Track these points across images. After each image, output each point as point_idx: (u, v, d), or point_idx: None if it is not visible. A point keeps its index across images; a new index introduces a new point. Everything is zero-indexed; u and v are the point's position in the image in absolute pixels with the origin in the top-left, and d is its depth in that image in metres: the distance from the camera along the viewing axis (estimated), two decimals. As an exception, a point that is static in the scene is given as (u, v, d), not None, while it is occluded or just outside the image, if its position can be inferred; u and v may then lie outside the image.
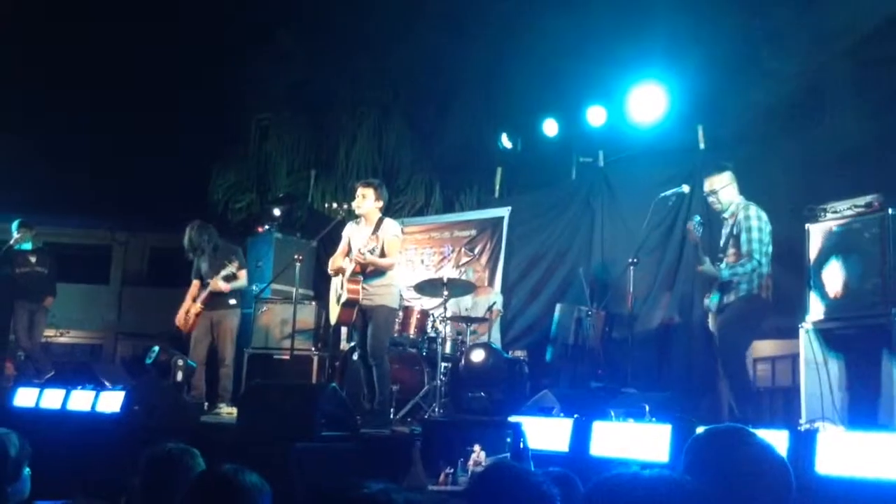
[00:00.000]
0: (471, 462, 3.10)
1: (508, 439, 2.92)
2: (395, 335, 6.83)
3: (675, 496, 1.71)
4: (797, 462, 3.30)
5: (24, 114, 12.54)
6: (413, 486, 2.81)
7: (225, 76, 11.77)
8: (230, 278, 7.10)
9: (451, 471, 3.10)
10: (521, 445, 2.47)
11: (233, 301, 7.22)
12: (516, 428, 2.55)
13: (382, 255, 5.88)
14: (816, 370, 5.00)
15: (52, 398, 6.29)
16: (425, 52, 10.17)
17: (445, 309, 6.98)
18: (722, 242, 5.54)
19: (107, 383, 6.35)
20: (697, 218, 5.55)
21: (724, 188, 5.50)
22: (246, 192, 11.98)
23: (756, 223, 5.31)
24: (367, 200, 6.00)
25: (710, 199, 5.58)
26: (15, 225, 8.59)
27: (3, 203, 11.78)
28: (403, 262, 8.62)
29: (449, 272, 8.72)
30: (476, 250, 9.09)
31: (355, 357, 6.31)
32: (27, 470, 2.96)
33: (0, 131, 12.19)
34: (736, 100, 7.29)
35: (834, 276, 5.08)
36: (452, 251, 9.32)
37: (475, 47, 9.77)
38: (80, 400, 6.10)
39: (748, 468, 1.96)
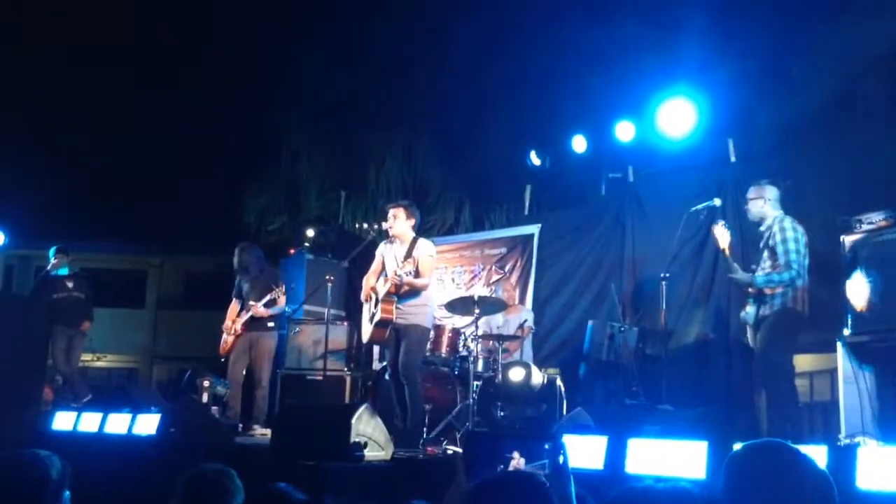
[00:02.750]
0: (510, 469, 3.07)
1: (546, 448, 2.88)
2: (427, 354, 6.83)
3: None
4: (837, 477, 3.22)
5: (60, 141, 12.80)
6: (457, 498, 2.79)
7: (256, 100, 11.93)
8: (271, 304, 7.19)
9: None
10: (562, 461, 2.43)
11: (271, 323, 7.31)
12: (557, 441, 2.51)
13: (417, 275, 5.90)
14: (855, 384, 4.92)
15: (89, 422, 6.37)
16: (453, 71, 10.23)
17: (477, 327, 6.97)
18: (760, 254, 5.49)
19: (143, 406, 6.43)
20: (721, 223, 5.54)
21: (755, 199, 5.46)
22: (278, 214, 12.10)
23: (791, 234, 5.25)
24: (398, 221, 6.04)
25: (746, 206, 5.56)
26: (52, 251, 8.75)
27: (41, 229, 12.02)
28: (434, 280, 8.63)
29: (480, 290, 8.71)
30: (506, 268, 9.08)
31: (387, 376, 6.32)
32: (67, 493, 2.97)
33: (36, 159, 12.45)
34: (767, 111, 7.23)
35: (868, 288, 5.00)
36: (483, 269, 9.31)
37: (503, 65, 9.81)
38: (117, 423, 6.17)
39: (790, 484, 1.92)
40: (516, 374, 6.63)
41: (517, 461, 3.06)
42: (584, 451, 4.11)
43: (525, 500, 1.93)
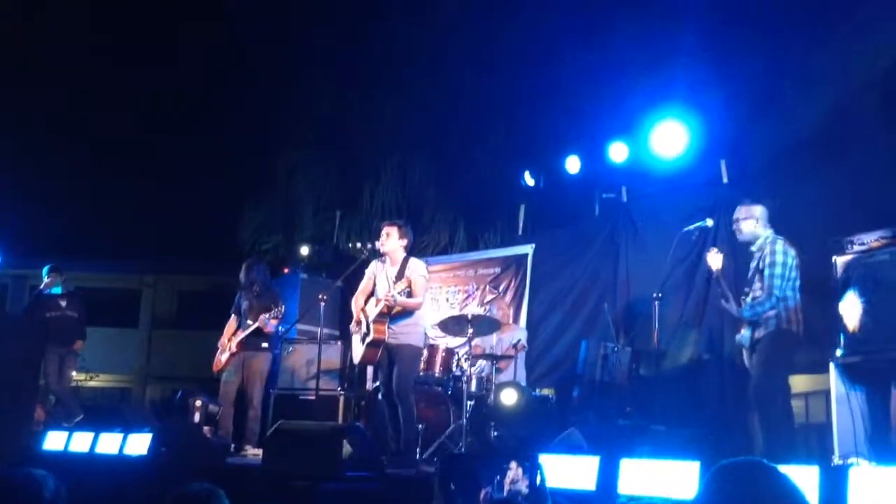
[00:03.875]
0: (507, 480, 3.05)
1: (525, 474, 2.86)
2: (421, 374, 6.82)
3: None
4: (829, 499, 3.23)
5: (54, 159, 12.81)
6: None
7: (251, 120, 11.96)
8: (273, 319, 7.18)
9: (488, 489, 3.06)
10: (539, 482, 2.42)
11: (265, 344, 7.30)
12: (533, 462, 2.49)
13: (410, 295, 5.90)
14: (848, 405, 4.92)
15: (81, 441, 6.33)
16: (448, 92, 10.28)
17: (470, 347, 6.97)
18: (749, 276, 5.51)
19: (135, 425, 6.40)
20: (714, 250, 5.55)
21: (746, 220, 5.47)
22: (272, 234, 12.10)
23: (781, 258, 5.25)
24: (390, 239, 6.05)
25: (734, 226, 5.57)
26: (45, 270, 8.73)
27: (35, 248, 12.00)
28: (428, 300, 8.63)
29: (473, 310, 8.70)
30: (500, 288, 9.09)
31: (380, 396, 6.30)
32: None
33: (30, 177, 12.46)
34: (759, 133, 7.29)
35: (861, 309, 5.02)
36: (477, 289, 9.31)
37: (498, 86, 9.86)
38: (109, 443, 6.14)
39: (765, 501, 1.94)
40: (509, 395, 6.63)
41: (514, 471, 3.04)
42: (576, 472, 4.10)
43: None
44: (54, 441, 6.55)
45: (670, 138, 7.65)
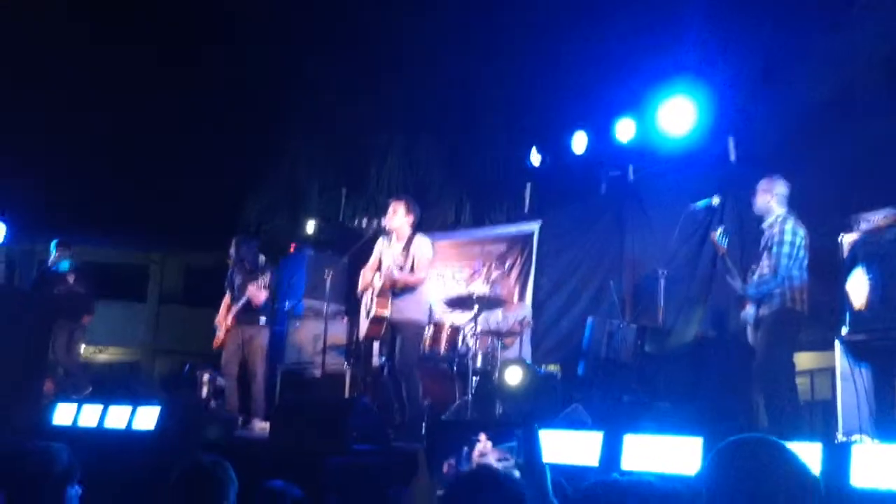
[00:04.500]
0: (476, 452, 2.98)
1: (518, 435, 2.79)
2: (426, 351, 6.85)
3: (649, 498, 1.76)
4: (832, 475, 3.25)
5: (63, 136, 12.81)
6: (419, 495, 2.74)
7: (258, 97, 11.93)
8: (261, 289, 7.20)
9: (454, 461, 3.00)
10: (535, 453, 2.38)
11: (262, 319, 7.32)
12: (530, 434, 2.43)
13: (412, 271, 5.91)
14: (853, 382, 4.94)
15: (89, 415, 6.40)
16: (454, 70, 10.23)
17: (476, 324, 6.99)
18: (759, 251, 5.50)
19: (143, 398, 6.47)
20: (720, 230, 5.54)
21: (763, 193, 5.45)
22: (279, 211, 12.11)
23: (789, 237, 5.25)
24: (397, 215, 6.06)
25: (752, 198, 5.55)
26: (53, 245, 8.78)
27: (43, 223, 12.04)
28: (434, 277, 8.66)
29: (479, 287, 8.73)
30: (506, 265, 9.10)
31: (386, 372, 6.35)
32: (76, 489, 2.96)
33: (38, 153, 12.47)
34: (767, 110, 7.24)
35: (868, 287, 5.01)
36: (483, 266, 9.33)
37: (504, 63, 9.81)
38: (118, 416, 6.20)
39: (773, 479, 1.92)
40: (514, 373, 6.65)
41: (483, 444, 3.00)
42: (580, 447, 4.13)
43: (494, 501, 1.92)
44: (64, 414, 6.61)
45: (678, 115, 7.60)
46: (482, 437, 2.97)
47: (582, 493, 1.85)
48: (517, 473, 2.30)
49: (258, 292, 7.14)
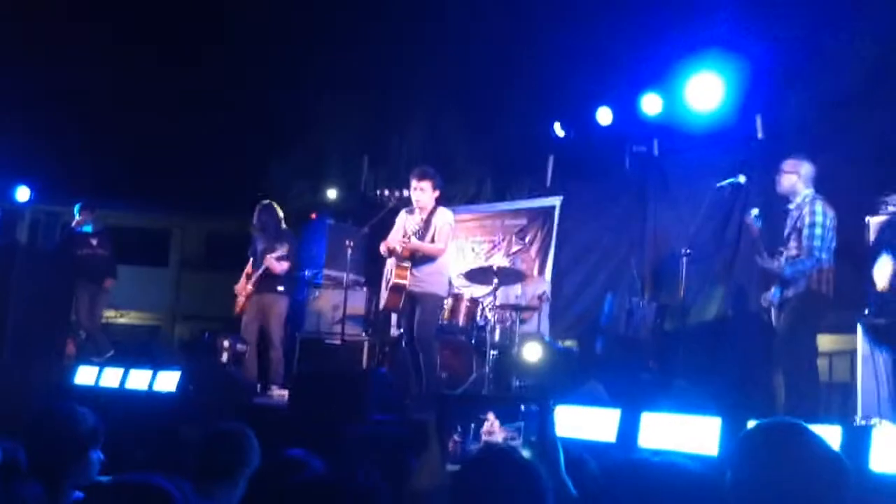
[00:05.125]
0: (483, 430, 2.96)
1: (527, 410, 2.76)
2: (445, 323, 6.86)
3: (682, 483, 1.74)
4: (851, 459, 3.22)
5: (86, 100, 12.85)
6: (428, 467, 2.74)
7: (282, 65, 11.89)
8: (282, 259, 7.24)
9: (460, 440, 2.97)
10: (549, 430, 2.35)
11: (281, 287, 7.35)
12: (544, 409, 2.41)
13: (433, 241, 5.91)
14: (873, 365, 4.90)
15: (111, 377, 6.48)
16: (478, 41, 10.12)
17: (495, 297, 6.98)
18: (785, 234, 5.44)
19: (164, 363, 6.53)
20: (755, 211, 5.46)
21: (788, 174, 5.38)
22: (300, 180, 12.12)
23: (821, 219, 5.18)
24: (425, 193, 6.05)
25: (777, 177, 5.47)
26: (76, 208, 8.84)
27: (67, 186, 12.13)
28: (454, 250, 8.64)
29: (499, 261, 8.71)
30: (527, 239, 9.07)
31: (403, 344, 6.37)
32: (98, 454, 2.99)
33: (62, 117, 12.53)
34: (797, 88, 7.12)
35: (888, 270, 4.95)
36: (503, 240, 9.30)
37: (529, 34, 9.69)
38: (138, 379, 6.27)
39: (802, 465, 1.89)
40: (532, 349, 6.65)
41: (491, 423, 2.98)
42: (597, 424, 4.13)
43: (510, 480, 1.91)
44: (85, 375, 6.70)
45: (705, 91, 7.48)
46: (490, 415, 2.96)
47: (609, 472, 1.83)
48: (526, 452, 2.29)
49: (276, 262, 7.18)
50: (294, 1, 11.60)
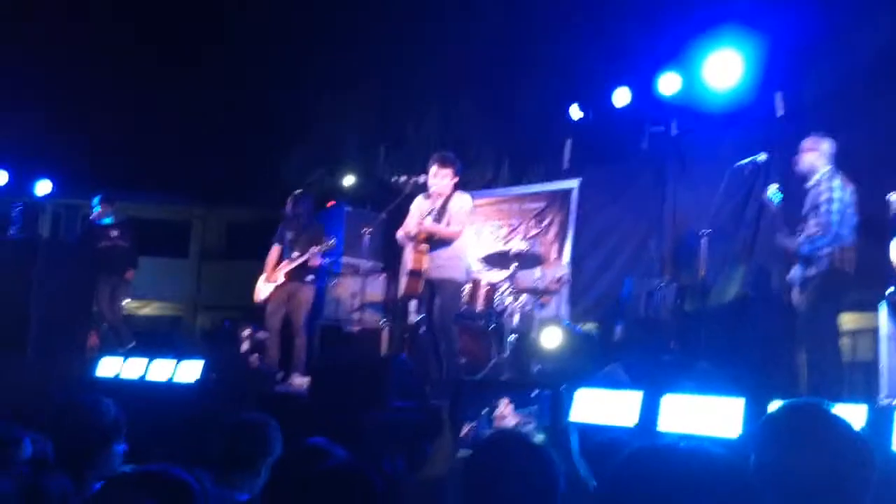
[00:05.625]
0: (496, 414, 2.96)
1: (538, 396, 2.76)
2: (463, 308, 6.85)
3: (708, 469, 1.72)
4: (875, 438, 3.19)
5: (106, 93, 12.93)
6: (442, 453, 2.74)
7: (298, 54, 11.89)
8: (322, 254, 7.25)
9: (474, 424, 2.98)
10: (561, 415, 2.35)
11: (310, 277, 7.36)
12: (557, 396, 2.41)
13: (449, 225, 5.90)
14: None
15: (133, 368, 6.52)
16: (494, 22, 10.06)
17: (513, 282, 6.96)
18: (804, 211, 5.38)
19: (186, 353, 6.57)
20: (774, 187, 5.40)
21: (809, 151, 5.32)
22: (317, 167, 12.13)
23: (838, 194, 5.12)
24: (445, 180, 6.03)
25: (796, 156, 5.42)
26: (96, 200, 8.90)
27: (87, 179, 12.22)
28: (471, 234, 8.63)
29: (517, 245, 8.68)
30: (545, 223, 9.03)
31: (423, 330, 6.36)
32: (122, 447, 3.01)
33: (82, 109, 12.61)
34: (817, 65, 7.02)
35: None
36: (521, 224, 9.27)
37: (545, 16, 9.62)
38: (161, 369, 6.31)
39: (828, 447, 1.87)
40: (551, 333, 6.63)
41: (504, 408, 2.98)
42: (618, 407, 4.10)
43: (521, 464, 1.90)
44: (108, 367, 6.75)
45: (724, 69, 7.38)
46: (504, 401, 2.96)
47: (635, 458, 1.81)
48: (539, 437, 2.28)
49: (317, 256, 7.17)
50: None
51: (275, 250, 7.49)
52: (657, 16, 7.91)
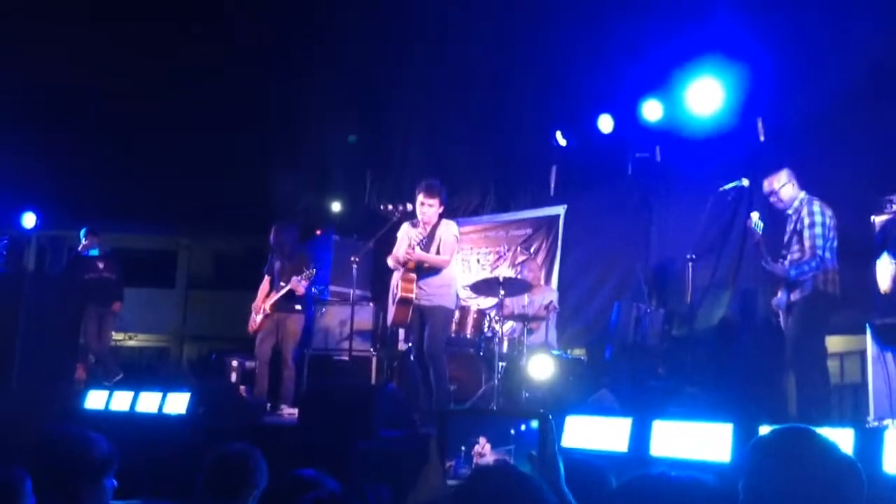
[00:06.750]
0: (474, 453, 2.94)
1: (513, 432, 2.75)
2: (452, 335, 6.85)
3: (700, 497, 1.72)
4: (863, 461, 3.20)
5: (90, 123, 12.92)
6: (428, 485, 2.71)
7: (282, 81, 11.94)
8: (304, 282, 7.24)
9: (452, 463, 2.95)
10: (550, 445, 2.33)
11: (298, 306, 7.36)
12: (545, 424, 2.39)
13: (438, 253, 5.92)
14: (884, 366, 4.87)
15: (121, 400, 6.47)
16: (478, 51, 10.15)
17: (501, 308, 6.97)
18: (786, 239, 5.44)
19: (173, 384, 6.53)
20: (756, 215, 5.47)
21: (783, 186, 5.41)
22: (304, 196, 12.14)
23: (819, 218, 5.20)
24: (432, 209, 6.05)
25: (772, 199, 5.51)
26: (83, 232, 8.88)
27: (72, 211, 12.18)
28: (459, 262, 8.64)
29: (505, 271, 8.71)
30: (532, 249, 9.06)
31: (412, 357, 6.36)
32: (113, 482, 2.96)
33: (66, 140, 12.60)
34: (797, 90, 7.12)
35: (889, 270, 4.94)
36: (508, 250, 9.30)
37: (529, 44, 9.71)
38: (148, 402, 6.27)
39: (817, 471, 1.88)
40: (539, 362, 6.61)
41: (482, 446, 2.97)
42: (608, 434, 4.11)
43: (513, 494, 1.90)
44: (95, 400, 6.70)
45: (706, 96, 7.50)
46: (482, 439, 2.95)
47: (626, 488, 1.81)
48: (525, 468, 2.28)
49: (299, 285, 7.17)
50: (295, 18, 11.66)
51: (265, 282, 7.52)
52: (639, 44, 8.02)
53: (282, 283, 7.30)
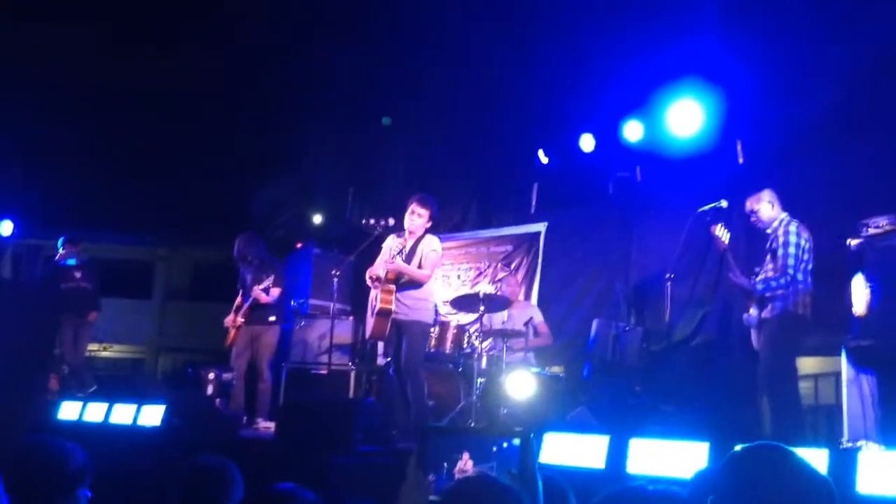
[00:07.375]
0: (456, 470, 2.95)
1: (495, 449, 2.77)
2: (432, 351, 6.85)
3: None
4: (837, 481, 3.23)
5: (69, 132, 12.83)
6: (408, 499, 2.71)
7: (266, 94, 11.93)
8: (266, 291, 7.22)
9: (434, 479, 2.96)
10: (530, 463, 2.34)
11: (272, 318, 7.33)
12: (526, 441, 2.41)
13: (419, 266, 5.93)
14: (858, 388, 4.93)
15: (95, 412, 6.41)
16: (462, 69, 10.21)
17: (481, 324, 6.99)
18: (765, 257, 5.51)
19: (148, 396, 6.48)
20: (720, 226, 5.56)
21: (762, 206, 5.48)
22: (285, 208, 12.11)
23: (794, 239, 5.28)
24: (421, 220, 6.06)
25: (752, 218, 5.59)
26: (60, 241, 8.80)
27: (49, 219, 12.08)
28: (439, 277, 8.65)
29: (485, 287, 8.72)
30: (512, 265, 9.09)
31: (391, 372, 6.34)
32: (87, 493, 2.93)
33: (44, 149, 12.50)
34: (776, 113, 7.22)
35: (868, 293, 5.01)
36: (489, 267, 9.32)
37: (511, 63, 9.78)
38: (123, 413, 6.21)
39: (789, 488, 1.88)
40: (518, 379, 6.61)
41: (465, 462, 2.97)
42: (586, 451, 4.13)
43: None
44: (69, 411, 6.63)
45: (686, 117, 7.59)
46: (465, 455, 2.96)
47: (604, 502, 1.82)
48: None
49: (262, 293, 7.15)
50: (276, 26, 11.66)
51: (240, 296, 7.49)
52: (621, 65, 8.10)
53: (249, 294, 7.28)
